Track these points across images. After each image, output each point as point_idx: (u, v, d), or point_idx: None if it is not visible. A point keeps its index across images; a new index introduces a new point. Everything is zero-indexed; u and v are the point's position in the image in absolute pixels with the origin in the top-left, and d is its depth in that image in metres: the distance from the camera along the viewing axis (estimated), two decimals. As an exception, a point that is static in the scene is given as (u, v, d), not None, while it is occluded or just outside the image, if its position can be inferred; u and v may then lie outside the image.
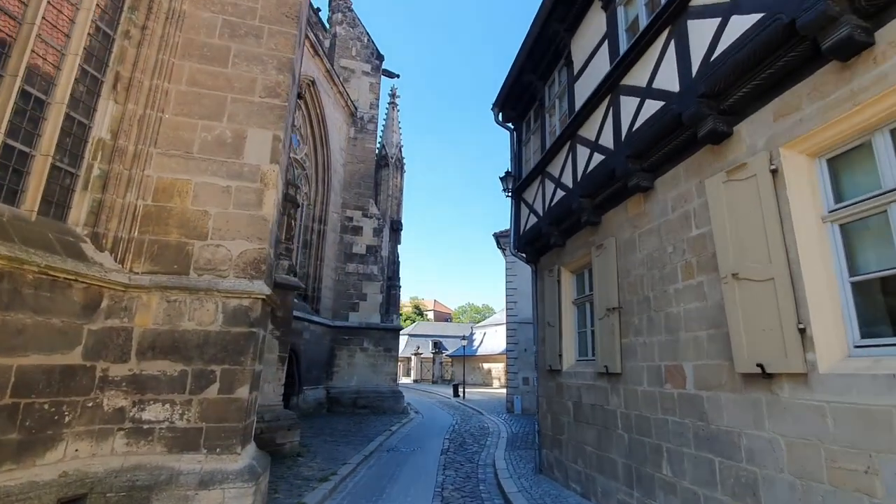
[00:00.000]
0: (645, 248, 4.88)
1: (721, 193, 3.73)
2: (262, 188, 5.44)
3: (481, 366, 42.49)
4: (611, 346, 5.25)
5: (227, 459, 4.66)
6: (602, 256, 5.65)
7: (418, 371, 51.33)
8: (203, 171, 5.33)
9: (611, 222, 5.63)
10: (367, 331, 18.45)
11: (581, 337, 6.57)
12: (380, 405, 17.48)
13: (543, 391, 7.35)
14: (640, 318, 4.84)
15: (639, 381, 4.77)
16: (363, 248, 19.23)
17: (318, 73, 17.19)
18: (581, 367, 6.23)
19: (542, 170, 7.26)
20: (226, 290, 5.00)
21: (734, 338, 3.48)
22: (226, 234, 5.21)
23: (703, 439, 3.82)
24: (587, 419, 5.83)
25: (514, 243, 8.25)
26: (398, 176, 21.67)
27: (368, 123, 20.69)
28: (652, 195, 4.83)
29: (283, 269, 9.25)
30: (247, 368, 4.92)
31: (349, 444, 10.24)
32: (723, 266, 3.65)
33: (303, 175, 17.21)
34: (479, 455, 9.63)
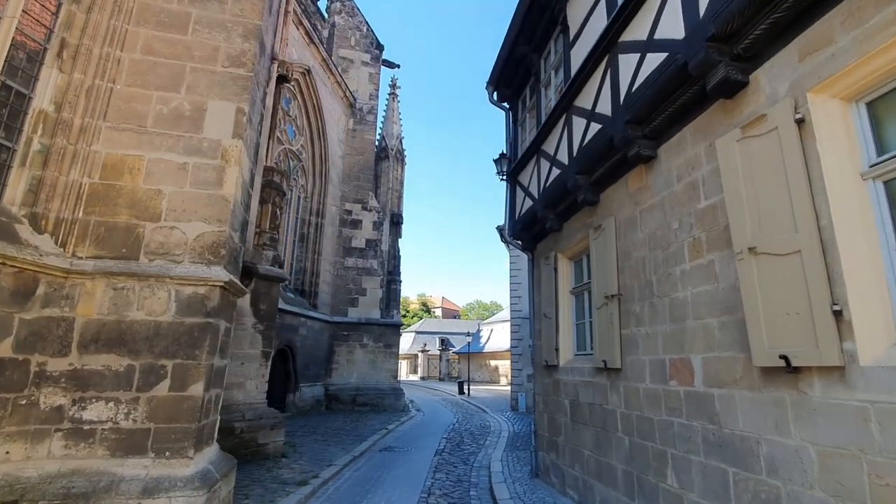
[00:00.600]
0: (647, 227, 4.30)
1: (735, 154, 3.13)
2: (223, 165, 4.95)
3: (488, 363, 41.92)
4: (609, 338, 4.67)
5: (176, 464, 4.18)
6: (600, 238, 5.07)
7: (425, 368, 50.92)
8: (157, 147, 4.84)
9: (610, 200, 5.05)
10: (367, 326, 17.99)
11: (579, 329, 6.00)
12: (380, 402, 17.03)
13: (540, 389, 6.79)
14: (642, 305, 4.26)
15: (640, 378, 4.20)
16: (362, 241, 18.76)
17: (315, 62, 16.71)
18: (579, 363, 5.66)
19: (537, 148, 6.68)
20: (179, 277, 4.51)
21: (751, 325, 2.89)
22: (181, 215, 4.73)
23: (714, 445, 3.24)
24: (585, 420, 5.26)
25: (509, 230, 7.68)
26: (399, 168, 21.15)
27: (368, 114, 20.19)
28: (655, 166, 4.24)
29: (268, 259, 8.79)
30: (202, 363, 4.44)
31: (340, 444, 9.77)
32: (737, 240, 3.06)
33: (299, 167, 16.77)
34: (475, 456, 9.10)
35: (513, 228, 7.61)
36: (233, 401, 7.85)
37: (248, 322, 8.25)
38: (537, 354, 6.93)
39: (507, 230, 7.67)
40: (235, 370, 7.96)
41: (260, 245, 8.75)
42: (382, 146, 20.90)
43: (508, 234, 7.63)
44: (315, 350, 16.32)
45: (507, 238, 7.59)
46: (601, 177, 5.04)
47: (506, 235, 7.60)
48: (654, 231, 4.18)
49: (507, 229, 7.68)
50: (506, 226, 7.70)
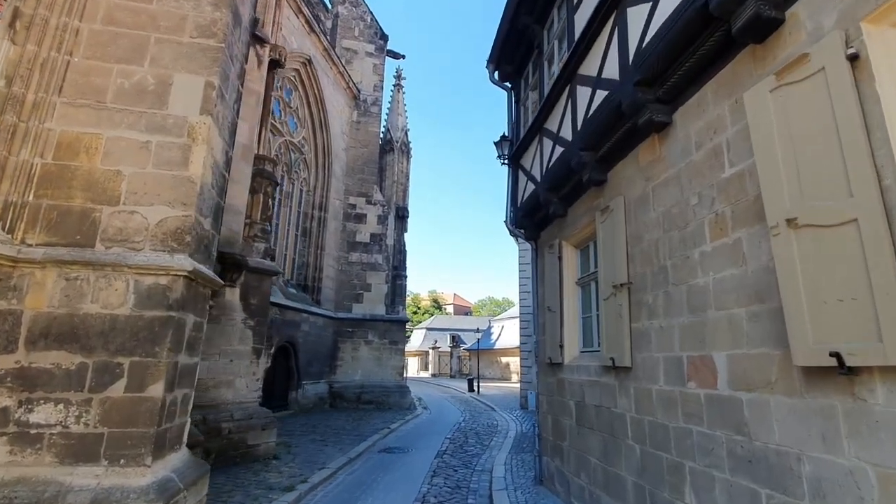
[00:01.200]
0: (661, 205, 3.74)
1: (767, 107, 2.58)
2: (189, 144, 4.50)
3: (499, 360, 41.37)
4: (618, 333, 4.13)
5: (131, 473, 3.76)
6: (608, 221, 4.52)
7: (436, 365, 50.56)
8: (117, 124, 4.42)
9: (618, 178, 4.49)
10: (372, 323, 17.61)
11: (586, 324, 5.46)
12: (385, 400, 16.64)
13: (544, 388, 6.26)
14: (656, 294, 3.71)
15: (653, 378, 3.65)
16: (367, 236, 18.36)
17: (316, 52, 16.30)
18: (585, 360, 5.12)
19: (539, 127, 6.13)
20: (138, 266, 4.08)
21: (790, 314, 2.35)
22: (142, 198, 4.30)
23: (743, 461, 2.70)
24: (591, 424, 4.73)
25: (511, 218, 7.15)
26: (404, 161, 20.67)
27: (372, 106, 19.75)
28: (669, 134, 3.68)
29: (259, 252, 8.39)
30: (162, 361, 4.00)
31: (338, 444, 9.36)
32: (772, 211, 2.51)
33: (301, 159, 16.41)
34: (478, 458, 8.61)
35: (515, 216, 7.07)
36: (221, 400, 7.47)
37: (237, 317, 7.86)
38: (541, 351, 6.40)
39: (509, 218, 7.14)
40: (224, 368, 7.59)
41: (250, 237, 8.35)
42: (387, 138, 20.44)
43: (510, 223, 7.10)
44: (318, 347, 15.98)
45: (509, 226, 7.06)
46: (608, 152, 4.48)
47: (508, 224, 7.07)
48: (668, 209, 3.63)
49: (508, 217, 7.15)
50: (507, 214, 7.17)
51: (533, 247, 6.95)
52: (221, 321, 7.65)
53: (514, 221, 7.06)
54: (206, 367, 7.36)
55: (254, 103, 8.69)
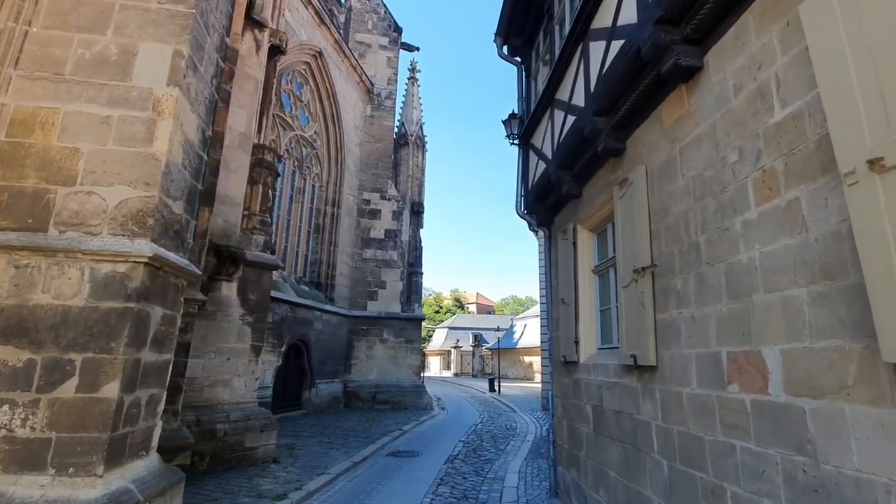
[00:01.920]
0: (691, 168, 3.08)
1: (834, 15, 1.91)
2: (154, 118, 4.07)
3: (522, 359, 40.52)
4: (640, 326, 3.48)
5: (80, 484, 3.33)
6: (627, 196, 3.87)
7: (458, 365, 50.02)
8: (76, 98, 4.02)
9: (638, 146, 3.83)
10: (387, 321, 17.18)
11: (604, 317, 4.80)
12: (401, 400, 16.19)
13: (558, 390, 5.62)
14: (685, 278, 3.06)
15: (684, 379, 3.00)
16: (381, 232, 17.95)
17: (326, 44, 15.96)
18: (603, 358, 4.47)
19: (550, 98, 5.49)
20: (93, 252, 3.66)
21: (877, 293, 1.69)
22: (101, 177, 3.88)
23: (806, 489, 2.04)
24: (610, 432, 4.08)
25: (521, 203, 6.52)
26: (419, 155, 20.19)
27: (386, 100, 19.33)
28: (700, 80, 3.02)
29: (258, 245, 8.01)
30: (118, 358, 3.57)
31: (345, 447, 8.91)
32: (846, 154, 1.85)
33: (313, 154, 16.10)
34: (492, 464, 8.01)
35: (526, 200, 6.44)
36: (217, 400, 7.10)
37: (234, 313, 7.49)
38: (555, 349, 5.77)
39: (520, 203, 6.52)
40: (220, 366, 7.22)
41: (249, 229, 7.98)
42: (402, 132, 20.00)
43: (521, 208, 6.47)
44: (332, 345, 15.65)
45: (519, 212, 6.43)
46: (626, 115, 3.82)
47: (519, 209, 6.45)
48: (700, 173, 2.97)
49: (519, 202, 6.52)
50: (518, 199, 6.54)
51: (546, 234, 6.31)
52: (217, 317, 7.29)
53: (526, 206, 6.43)
54: (200, 365, 7.01)
55: (252, 90, 8.31)
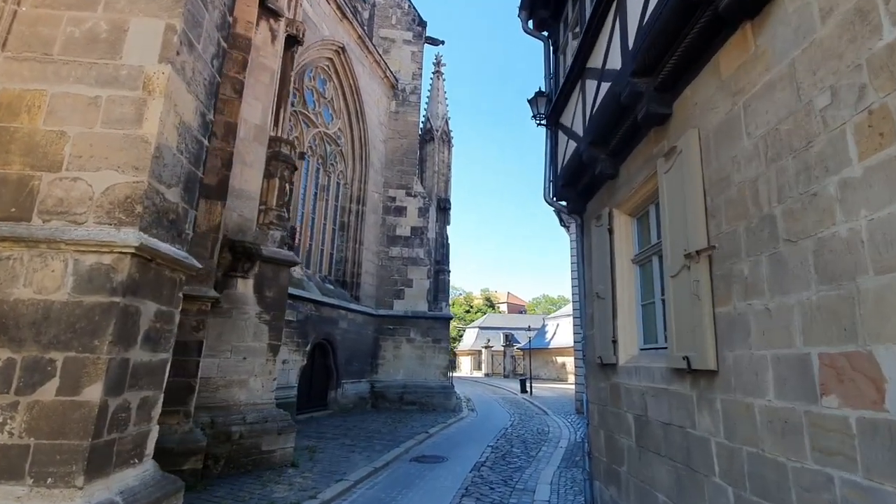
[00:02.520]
0: (760, 124, 2.47)
1: None
2: (145, 98, 3.76)
3: (554, 359, 39.49)
4: (694, 322, 2.88)
5: (58, 496, 3.02)
6: (675, 169, 3.26)
7: (489, 365, 49.36)
8: (64, 78, 3.75)
9: (688, 107, 3.23)
10: (414, 320, 16.82)
11: (647, 313, 4.19)
12: (428, 401, 15.78)
13: (594, 395, 5.02)
14: (755, 261, 2.45)
15: (756, 388, 2.40)
16: (407, 229, 17.60)
17: (349, 39, 15.73)
18: (646, 360, 3.87)
19: (581, 68, 4.91)
20: (77, 242, 3.37)
21: None
22: (88, 162, 3.59)
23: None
24: (657, 446, 3.48)
25: (550, 189, 5.94)
26: (445, 151, 19.74)
27: (411, 95, 18.98)
28: (772, 14, 2.41)
29: (275, 240, 7.73)
30: (101, 357, 3.26)
31: (368, 450, 8.55)
32: None
33: (337, 151, 15.90)
34: (521, 473, 7.45)
35: (555, 186, 5.86)
36: (233, 401, 6.85)
37: (250, 311, 7.23)
38: (589, 349, 5.17)
39: (548, 190, 5.94)
40: (236, 366, 6.96)
41: (265, 224, 7.71)
42: (427, 128, 19.61)
43: (550, 195, 5.89)
44: (359, 345, 15.40)
45: (548, 198, 5.86)
46: (674, 71, 3.22)
47: (547, 196, 5.88)
48: (774, 128, 2.36)
49: (547, 189, 5.94)
50: (546, 184, 5.96)
51: (577, 222, 5.71)
52: (233, 315, 7.04)
53: (555, 192, 5.85)
54: (215, 365, 6.77)
55: (267, 81, 8.06)
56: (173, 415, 5.80)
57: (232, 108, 6.93)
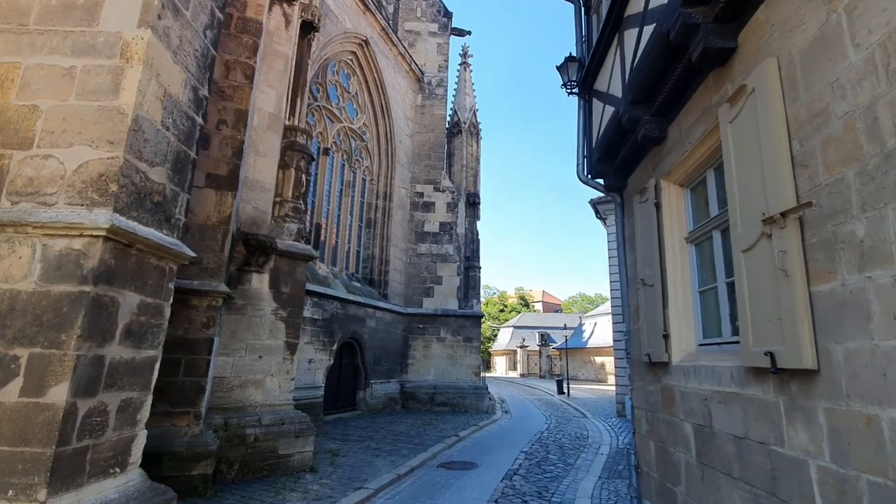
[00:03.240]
0: (874, 29, 1.78)
1: None
2: (122, 66, 3.38)
3: (593, 359, 38.08)
4: (781, 307, 2.19)
5: (16, 512, 2.66)
6: (745, 116, 2.57)
7: (525, 365, 48.31)
8: (39, 49, 3.43)
9: (762, 32, 2.52)
10: (444, 318, 16.29)
11: (706, 301, 3.48)
12: (460, 403, 15.22)
13: (640, 398, 4.32)
14: (876, 217, 1.76)
15: (882, 394, 1.71)
16: (436, 225, 17.10)
17: (373, 32, 15.38)
18: (709, 358, 3.16)
19: (618, 18, 4.22)
20: (44, 225, 3.01)
21: None
22: (60, 138, 3.24)
23: None
24: (727, 466, 2.78)
25: (584, 165, 5.26)
26: (474, 144, 19.13)
27: (437, 88, 18.48)
28: None
29: (291, 233, 7.37)
30: (69, 354, 2.88)
31: (393, 455, 8.07)
32: None
33: (362, 147, 15.59)
34: (558, 483, 6.77)
35: (589, 161, 5.18)
36: (248, 402, 6.51)
37: (266, 308, 6.88)
38: (633, 345, 4.47)
39: (582, 166, 5.25)
40: (251, 365, 6.62)
41: (280, 217, 7.36)
42: (454, 121, 19.06)
43: (585, 171, 5.21)
44: (387, 344, 15.02)
45: (582, 176, 5.18)
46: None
47: (581, 174, 5.20)
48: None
49: (581, 165, 5.26)
50: (580, 160, 5.28)
51: (617, 201, 5.01)
52: (247, 312, 6.71)
53: (589, 168, 5.17)
54: (229, 364, 6.45)
55: (281, 68, 7.72)
56: (182, 416, 5.49)
57: (243, 94, 6.60)
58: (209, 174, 6.22)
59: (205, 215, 6.08)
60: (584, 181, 5.17)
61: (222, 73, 6.55)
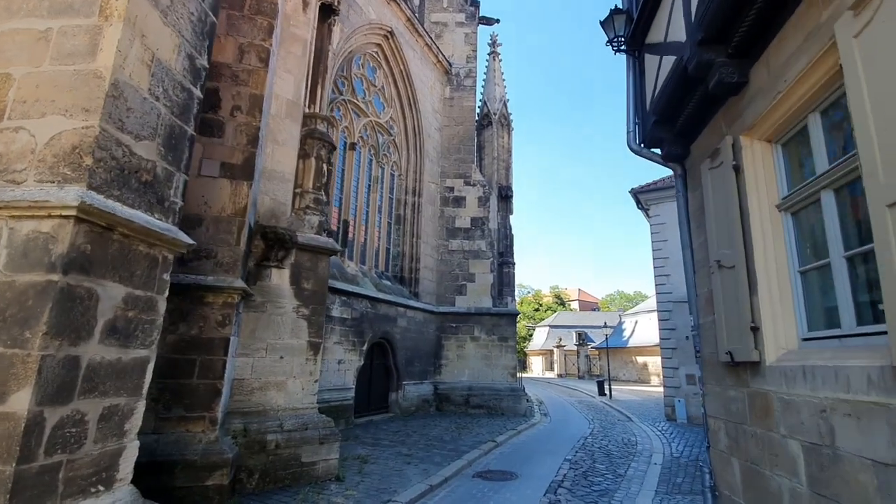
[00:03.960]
0: None
1: None
2: (100, 24, 2.95)
3: (634, 359, 36.47)
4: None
5: (-32, 543, 2.23)
6: (881, 22, 1.83)
7: (562, 365, 46.95)
8: (15, 13, 3.05)
9: None
10: (478, 317, 15.65)
11: (809, 283, 2.72)
12: (496, 405, 14.54)
13: (718, 405, 3.55)
14: None
15: None
16: (467, 221, 16.49)
17: (398, 23, 14.94)
18: (825, 356, 2.41)
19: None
20: (10, 205, 2.60)
21: None
22: (32, 107, 2.84)
23: None
24: (863, 501, 2.04)
25: (636, 133, 4.52)
26: (505, 135, 18.41)
27: (465, 79, 17.87)
28: None
29: (312, 226, 6.94)
30: (32, 354, 2.45)
31: (426, 462, 7.52)
32: None
33: (389, 141, 15.17)
34: (610, 498, 6.03)
35: (643, 128, 4.44)
36: (269, 406, 6.10)
37: (287, 305, 6.47)
38: (705, 342, 3.71)
39: (635, 134, 4.52)
40: (272, 367, 6.22)
41: (301, 209, 6.94)
42: (484, 112, 18.40)
43: (637, 140, 4.48)
44: (420, 344, 14.52)
45: (634, 145, 4.44)
46: None
47: (633, 143, 4.46)
48: None
49: (634, 133, 4.53)
50: (631, 128, 4.55)
51: (677, 172, 4.25)
52: (267, 309, 6.31)
53: (643, 136, 4.43)
54: (249, 365, 6.06)
55: (300, 52, 7.32)
56: (197, 422, 5.11)
57: (258, 78, 6.21)
58: (224, 163, 5.84)
59: (219, 207, 5.70)
60: (635, 151, 4.43)
61: (236, 57, 6.18)
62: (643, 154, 4.44)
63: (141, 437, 5.01)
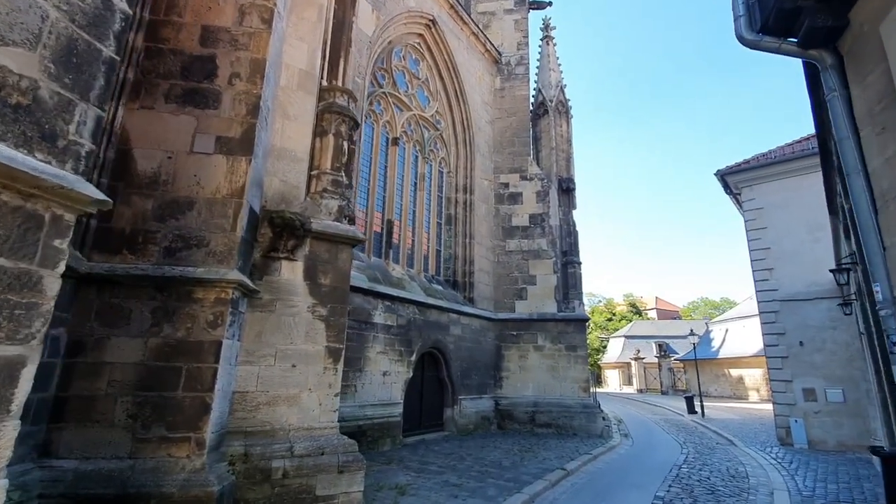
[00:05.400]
0: None
1: None
2: None
3: (727, 372, 32.30)
4: None
5: None
6: None
7: (641, 379, 43.03)
8: None
9: None
10: (541, 323, 14.02)
11: None
12: (566, 423, 12.78)
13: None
14: None
15: None
16: (525, 218, 15.01)
17: (440, 11, 14.02)
18: None
19: None
20: None
21: None
22: None
23: None
24: None
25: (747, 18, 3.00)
26: (563, 123, 16.77)
27: (517, 67, 16.57)
28: None
29: (330, 211, 5.94)
30: None
31: (476, 495, 6.15)
32: None
33: (436, 136, 14.16)
34: (725, 561, 4.29)
35: (762, 5, 2.91)
36: (278, 424, 5.07)
37: (300, 304, 5.47)
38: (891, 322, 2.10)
39: (747, 19, 3.00)
40: (283, 377, 5.21)
41: (317, 192, 5.97)
42: (539, 101, 16.91)
43: (752, 28, 2.96)
44: (476, 354, 13.16)
45: (749, 37, 2.93)
46: None
47: (745, 30, 2.95)
48: None
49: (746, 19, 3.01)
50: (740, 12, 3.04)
51: (826, 63, 2.67)
52: (276, 309, 5.34)
53: (762, 17, 2.90)
54: (254, 374, 5.09)
55: (314, 18, 6.45)
56: (181, 444, 4.17)
57: (259, 41, 5.37)
58: (219, 137, 5.01)
59: (213, 187, 4.85)
60: (751, 44, 2.90)
61: (236, 20, 5.39)
62: (763, 46, 2.90)
63: (113, 462, 4.20)
